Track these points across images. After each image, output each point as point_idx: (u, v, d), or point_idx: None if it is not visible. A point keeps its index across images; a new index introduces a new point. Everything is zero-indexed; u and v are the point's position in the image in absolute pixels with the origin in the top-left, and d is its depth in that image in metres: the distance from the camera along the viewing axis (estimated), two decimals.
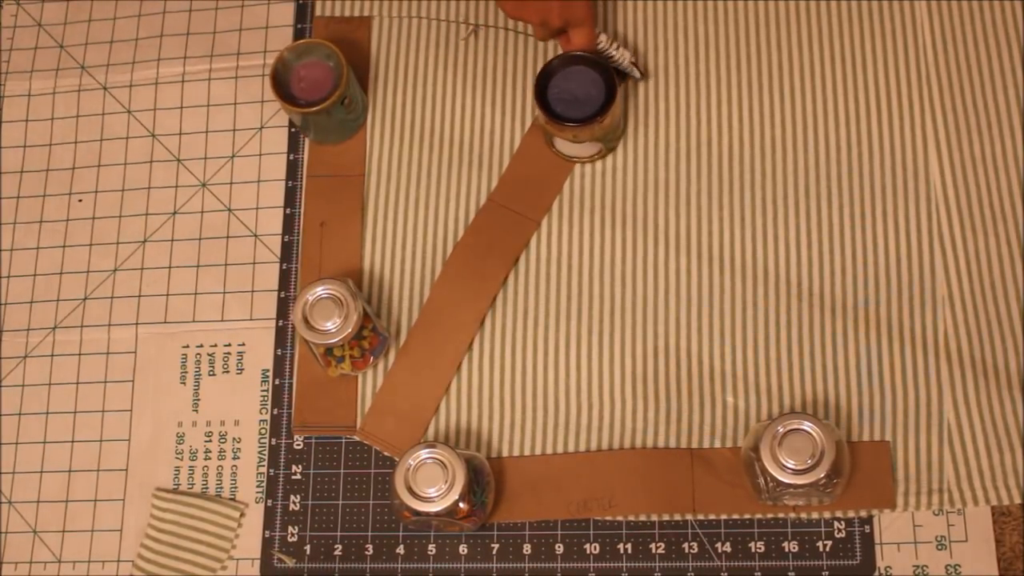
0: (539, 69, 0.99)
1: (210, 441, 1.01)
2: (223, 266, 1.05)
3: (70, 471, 1.02)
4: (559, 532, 0.96)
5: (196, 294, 1.05)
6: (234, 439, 1.01)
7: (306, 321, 0.93)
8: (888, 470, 0.93)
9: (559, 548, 0.95)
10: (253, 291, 1.04)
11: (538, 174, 1.04)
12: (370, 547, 0.97)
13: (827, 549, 0.93)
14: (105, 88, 1.12)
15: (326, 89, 1.01)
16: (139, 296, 1.05)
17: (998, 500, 0.92)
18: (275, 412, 1.01)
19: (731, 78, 1.06)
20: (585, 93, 0.98)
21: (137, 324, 1.05)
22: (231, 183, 1.08)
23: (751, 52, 1.06)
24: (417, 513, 0.88)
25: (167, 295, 1.05)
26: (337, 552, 0.97)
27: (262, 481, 0.99)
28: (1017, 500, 0.92)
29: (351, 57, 1.07)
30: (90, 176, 1.10)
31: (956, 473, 0.93)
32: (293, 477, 0.99)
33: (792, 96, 1.05)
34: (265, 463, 1.00)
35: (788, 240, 1.01)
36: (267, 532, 0.98)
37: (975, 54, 1.04)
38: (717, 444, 0.96)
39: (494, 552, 0.96)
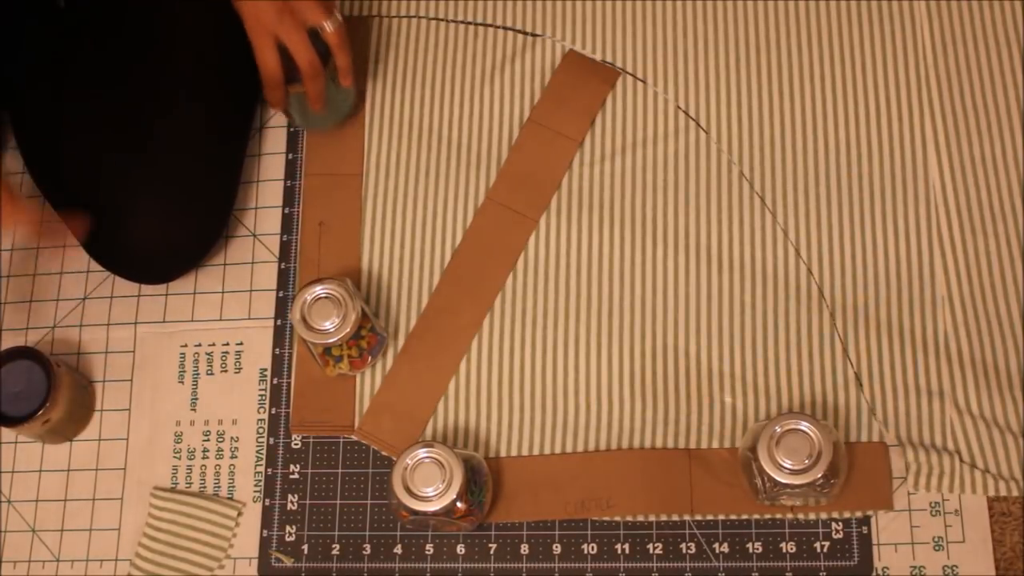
0: None
1: (208, 440, 1.01)
2: (222, 266, 1.05)
3: (68, 470, 1.02)
4: (557, 532, 0.95)
5: (195, 293, 1.05)
6: (232, 438, 1.01)
7: (304, 321, 0.93)
8: (886, 471, 0.93)
9: (557, 548, 0.95)
10: (251, 290, 1.04)
11: (536, 171, 1.04)
12: (368, 547, 0.97)
13: (825, 550, 0.93)
14: None
15: None
16: (138, 296, 1.06)
17: (996, 492, 0.92)
18: (273, 411, 1.01)
19: (730, 78, 1.06)
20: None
21: (136, 323, 1.05)
22: None
23: (750, 52, 1.06)
24: (415, 512, 0.88)
25: (166, 295, 1.05)
26: (335, 551, 0.97)
27: (260, 480, 0.99)
28: (1016, 493, 0.92)
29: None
30: None
31: (956, 472, 0.93)
32: (291, 476, 0.99)
33: (791, 97, 1.05)
34: (263, 462, 1.00)
35: (787, 241, 1.00)
36: (265, 531, 0.98)
37: (975, 55, 1.04)
38: (715, 444, 0.96)
39: (492, 552, 0.96)
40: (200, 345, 1.03)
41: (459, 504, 0.89)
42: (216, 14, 1.00)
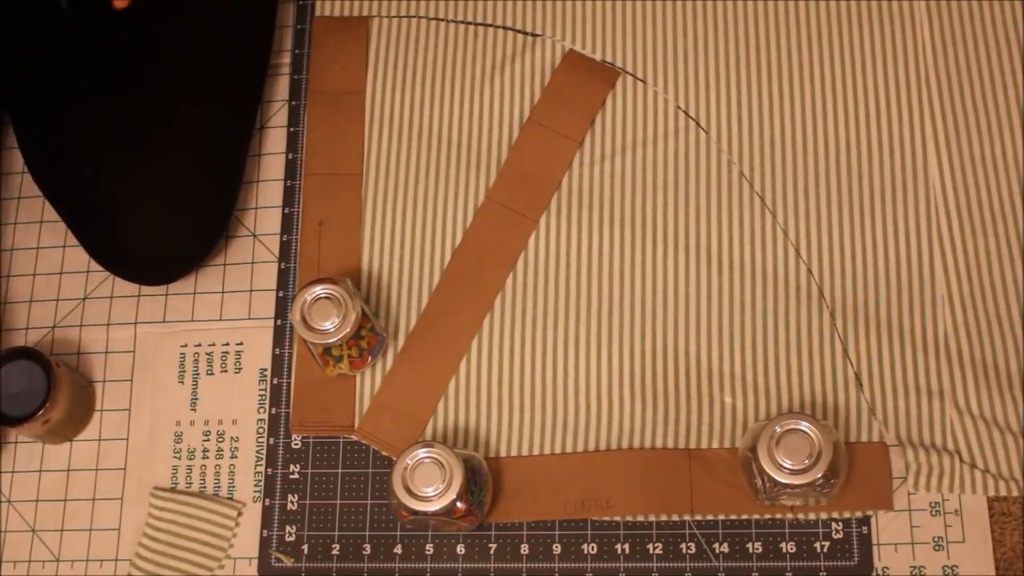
0: None
1: (208, 440, 1.01)
2: (222, 266, 1.05)
3: (68, 470, 1.02)
4: (557, 532, 0.95)
5: (195, 293, 1.05)
6: (232, 438, 1.01)
7: (304, 321, 0.93)
8: (886, 471, 0.93)
9: (557, 548, 0.95)
10: (251, 290, 1.04)
11: (536, 170, 1.04)
12: (368, 547, 0.97)
13: (825, 550, 0.93)
14: None
15: None
16: (138, 296, 1.06)
17: (996, 492, 0.92)
18: (273, 411, 1.01)
19: (730, 78, 1.06)
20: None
21: (136, 323, 1.05)
22: None
23: (749, 52, 1.06)
24: (415, 512, 0.88)
25: (166, 295, 1.05)
26: (335, 551, 0.97)
27: (260, 480, 0.99)
28: (1016, 493, 0.92)
29: (350, 57, 1.08)
30: None
31: (956, 472, 0.93)
32: (291, 476, 0.99)
33: (791, 97, 1.05)
34: (263, 462, 1.00)
35: (787, 240, 1.00)
36: (265, 531, 0.98)
37: (975, 54, 1.04)
38: (715, 444, 0.96)
39: (492, 552, 0.96)
40: (200, 345, 1.03)
41: (459, 504, 0.89)
42: (220, 15, 1.00)
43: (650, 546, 0.94)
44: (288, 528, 0.98)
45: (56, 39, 1.04)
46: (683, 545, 0.94)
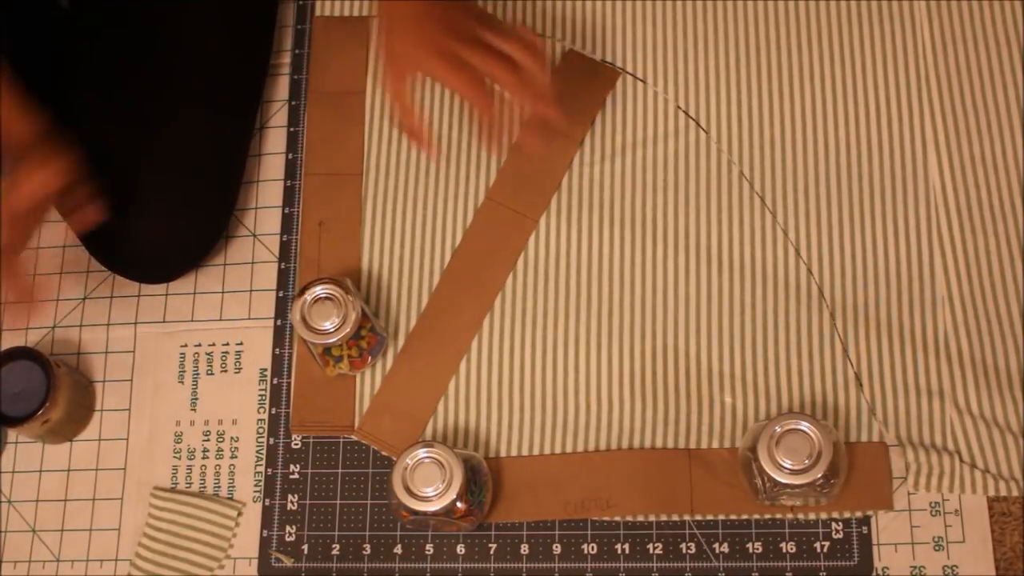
0: None
1: (208, 440, 1.01)
2: (222, 266, 1.05)
3: (69, 470, 1.02)
4: (557, 532, 0.95)
5: (195, 294, 1.05)
6: (232, 438, 1.01)
7: (304, 321, 0.93)
8: (886, 471, 0.93)
9: (557, 548, 0.95)
10: (251, 290, 1.04)
11: (536, 170, 1.04)
12: (368, 547, 0.97)
13: (825, 550, 0.93)
14: None
15: None
16: (138, 296, 1.06)
17: (996, 492, 0.92)
18: (273, 411, 1.01)
19: (729, 78, 1.06)
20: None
21: (136, 323, 1.05)
22: None
23: (749, 52, 1.06)
24: (415, 512, 0.88)
25: (166, 295, 1.05)
26: (335, 551, 0.97)
27: (260, 480, 0.99)
28: (1016, 493, 0.92)
29: (350, 57, 1.08)
30: None
31: (956, 472, 0.93)
32: (291, 476, 0.99)
33: (791, 96, 1.05)
34: (263, 462, 1.00)
35: (787, 240, 1.00)
36: (265, 531, 0.98)
37: (975, 54, 1.04)
38: (715, 444, 0.96)
39: (492, 552, 0.96)
40: (200, 345, 1.03)
41: (459, 504, 0.89)
42: (220, 16, 1.00)
43: (650, 546, 0.94)
44: (288, 528, 0.98)
45: (56, 39, 1.04)
46: (683, 545, 0.94)
